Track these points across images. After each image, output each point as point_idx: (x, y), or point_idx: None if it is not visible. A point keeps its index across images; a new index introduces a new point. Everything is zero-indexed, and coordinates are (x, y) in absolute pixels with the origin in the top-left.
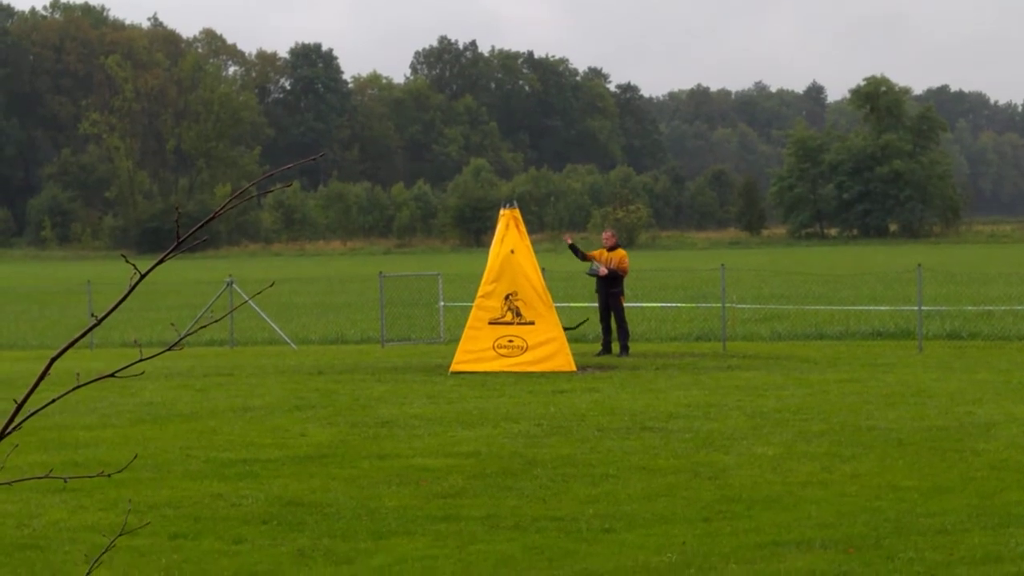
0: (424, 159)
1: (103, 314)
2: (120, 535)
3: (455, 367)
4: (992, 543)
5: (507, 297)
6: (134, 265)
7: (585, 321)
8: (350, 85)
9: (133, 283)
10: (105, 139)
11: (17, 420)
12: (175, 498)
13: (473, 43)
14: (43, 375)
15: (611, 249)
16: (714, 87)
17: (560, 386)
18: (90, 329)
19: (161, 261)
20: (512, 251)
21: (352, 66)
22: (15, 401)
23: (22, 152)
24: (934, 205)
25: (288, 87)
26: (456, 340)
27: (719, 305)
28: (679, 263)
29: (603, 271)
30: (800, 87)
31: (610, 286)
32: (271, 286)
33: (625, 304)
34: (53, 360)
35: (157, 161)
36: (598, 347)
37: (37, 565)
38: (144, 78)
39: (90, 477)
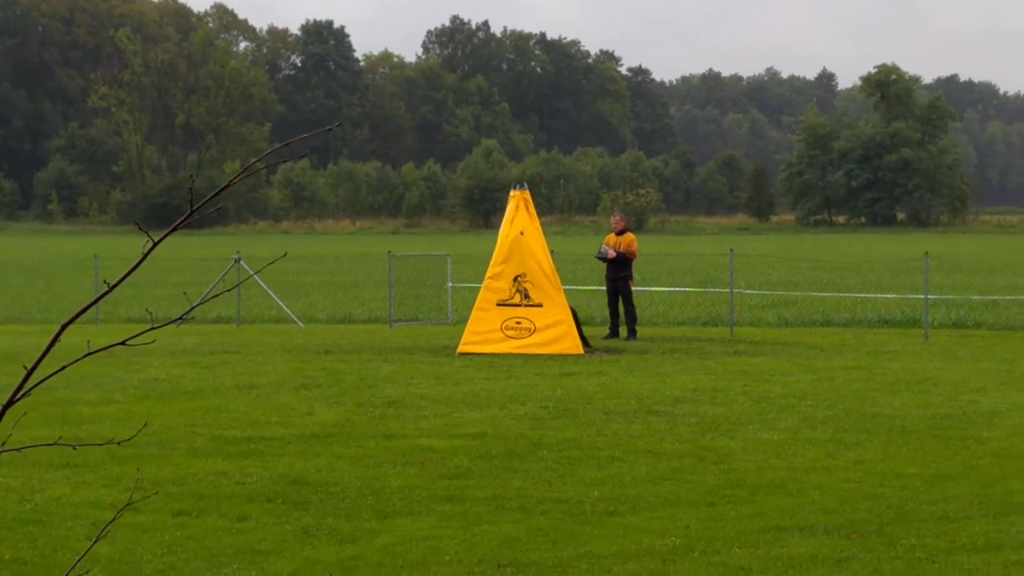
0: (435, 139)
1: (115, 281)
2: (126, 507)
3: (462, 348)
4: (993, 531)
5: (516, 279)
6: (147, 232)
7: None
8: (361, 63)
9: (146, 251)
10: (114, 113)
11: (27, 387)
12: (179, 475)
13: (485, 23)
14: (53, 341)
15: (620, 233)
16: (726, 72)
17: (567, 369)
18: (103, 296)
19: (175, 228)
20: (521, 233)
21: (363, 44)
22: (25, 368)
23: (30, 125)
24: (942, 194)
25: (299, 64)
26: (464, 321)
27: (727, 290)
28: (688, 248)
29: (611, 254)
30: (811, 74)
31: (619, 270)
32: (284, 256)
33: (633, 288)
34: (64, 327)
35: (166, 136)
36: (606, 330)
37: (39, 540)
38: (154, 52)
39: (99, 445)
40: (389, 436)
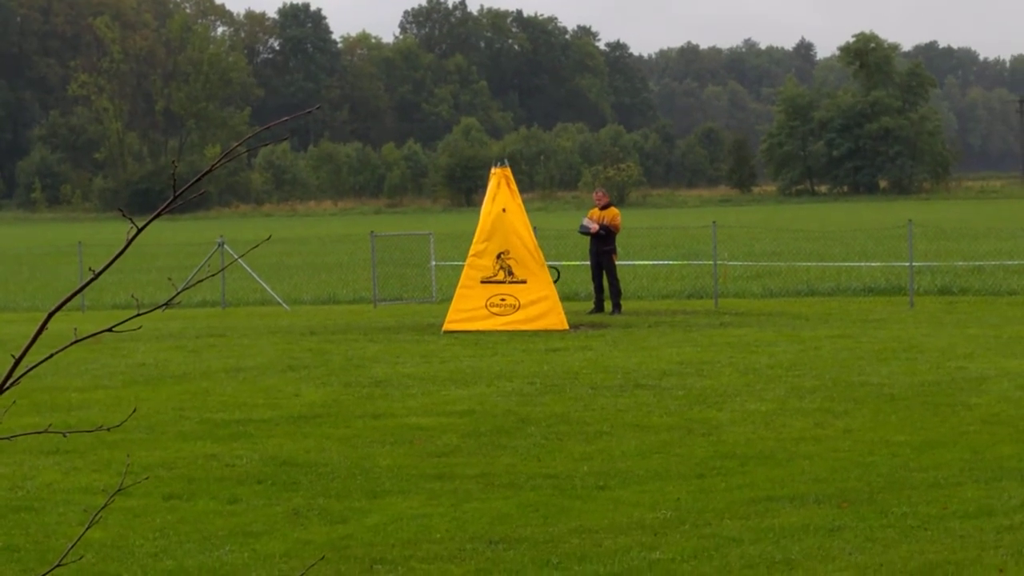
0: (414, 119)
1: (101, 268)
2: (117, 492)
3: (448, 326)
4: (984, 497)
5: (499, 256)
6: (131, 219)
7: (558, 277)
8: (339, 45)
9: (131, 237)
10: (94, 100)
11: (15, 375)
12: (169, 459)
13: (462, 2)
14: (41, 329)
15: (603, 208)
16: (704, 45)
17: (553, 344)
18: (89, 282)
19: (159, 214)
20: (504, 210)
21: (341, 26)
22: (13, 356)
23: (10, 114)
24: (924, 161)
25: (277, 47)
26: (448, 299)
27: (711, 263)
28: (670, 221)
29: (594, 228)
30: (789, 44)
31: (602, 244)
32: (268, 239)
33: (617, 262)
34: (51, 314)
35: (146, 122)
36: (590, 305)
37: (31, 526)
38: (132, 39)
39: (89, 432)
40: (377, 416)
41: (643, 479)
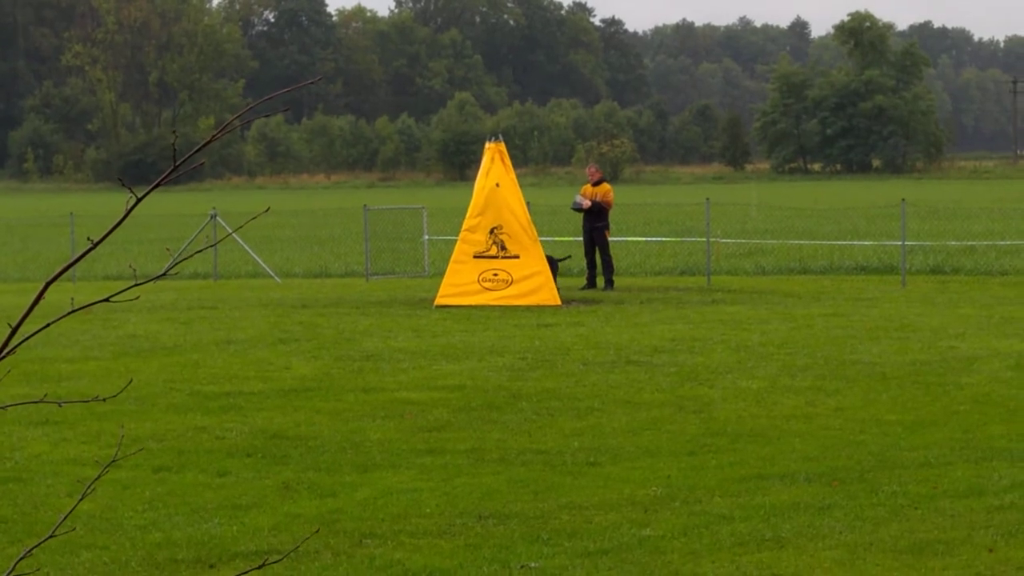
0: (408, 92)
1: (100, 238)
2: (111, 464)
3: (440, 301)
4: (975, 476)
5: (492, 231)
6: (130, 188)
7: (568, 258)
8: (334, 18)
9: (130, 207)
10: (87, 71)
11: (11, 345)
12: (159, 431)
13: None
14: (37, 299)
15: (596, 184)
16: (699, 22)
17: (545, 320)
18: (87, 251)
19: (158, 184)
20: (497, 185)
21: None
22: (9, 325)
23: (3, 84)
24: (917, 141)
25: (272, 20)
26: (441, 274)
27: (703, 240)
28: (663, 198)
29: (586, 204)
30: (784, 22)
31: (595, 220)
32: (266, 211)
33: (610, 239)
34: (48, 284)
35: (140, 93)
36: (583, 281)
37: (20, 498)
38: (127, 10)
39: (83, 402)
40: (368, 390)
41: (634, 456)
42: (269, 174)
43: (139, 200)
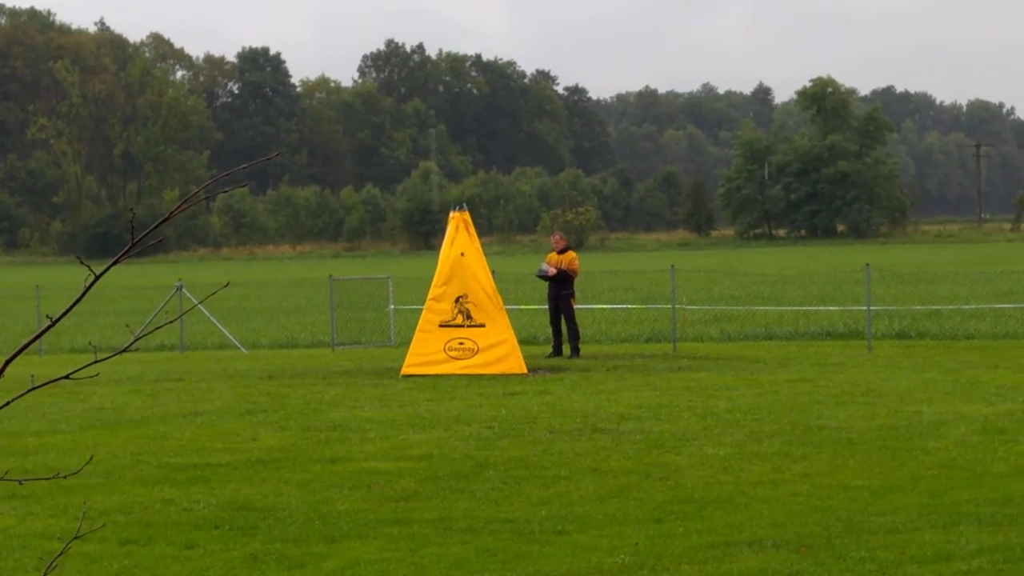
0: (373, 162)
1: (58, 315)
2: (74, 539)
3: (406, 370)
4: (943, 541)
5: (457, 300)
6: (88, 267)
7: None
8: (298, 89)
9: (88, 284)
10: (53, 144)
11: None
12: (126, 504)
13: (421, 46)
14: None
15: (561, 252)
16: (662, 89)
17: (511, 388)
18: (46, 330)
19: (117, 261)
20: (462, 254)
21: (300, 69)
22: None
23: None
24: (881, 205)
25: (236, 91)
26: (407, 343)
27: (669, 306)
28: (628, 265)
29: (551, 271)
30: (747, 88)
31: (561, 288)
32: (227, 286)
33: (576, 306)
34: (8, 362)
35: (105, 166)
36: (548, 349)
37: None
38: (92, 83)
39: (45, 479)
40: (335, 460)
41: (601, 524)
42: (235, 245)
43: (98, 277)
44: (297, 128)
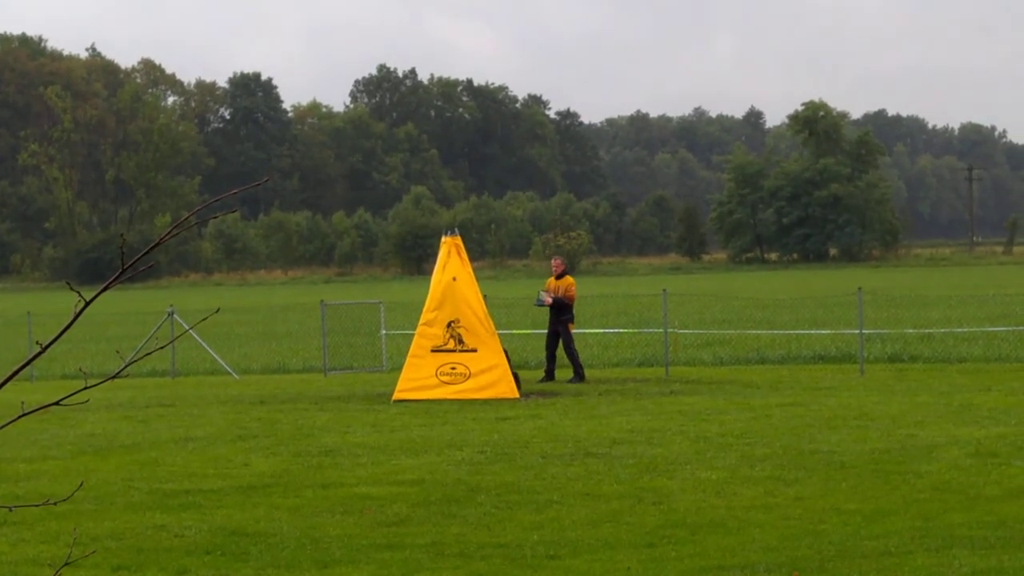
0: (365, 187)
1: (48, 342)
2: (65, 565)
3: (398, 395)
4: (935, 565)
5: (449, 324)
6: (79, 292)
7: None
8: (290, 114)
9: (78, 310)
10: (44, 170)
11: None
12: (118, 530)
13: (412, 71)
14: None
15: (559, 276)
16: (654, 113)
17: (503, 413)
18: (35, 357)
19: (107, 287)
20: (454, 279)
21: (291, 95)
22: None
23: None
24: (873, 229)
25: (228, 117)
26: (399, 368)
27: (661, 331)
28: (621, 289)
29: (548, 300)
30: (739, 112)
31: (560, 313)
32: (217, 312)
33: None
34: None
35: (96, 191)
36: (541, 374)
37: None
38: (83, 108)
39: (36, 506)
40: (327, 485)
41: (594, 548)
42: (227, 270)
43: (88, 303)
44: (289, 153)
